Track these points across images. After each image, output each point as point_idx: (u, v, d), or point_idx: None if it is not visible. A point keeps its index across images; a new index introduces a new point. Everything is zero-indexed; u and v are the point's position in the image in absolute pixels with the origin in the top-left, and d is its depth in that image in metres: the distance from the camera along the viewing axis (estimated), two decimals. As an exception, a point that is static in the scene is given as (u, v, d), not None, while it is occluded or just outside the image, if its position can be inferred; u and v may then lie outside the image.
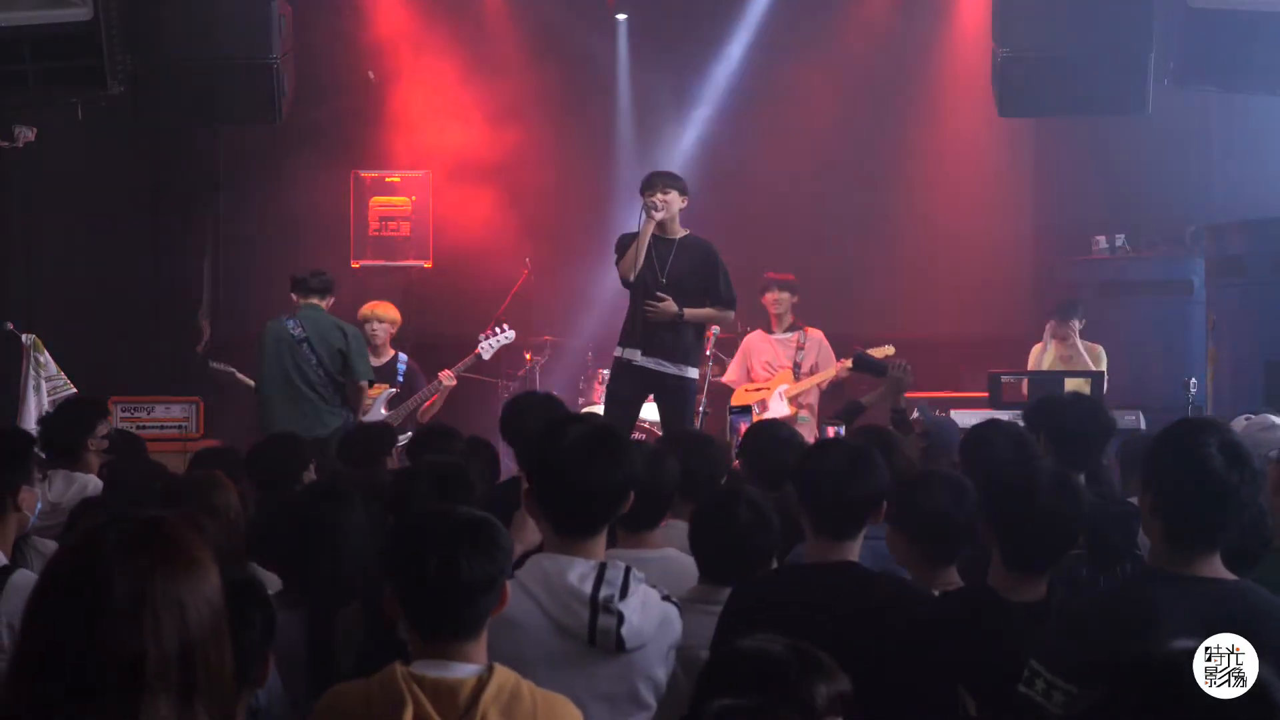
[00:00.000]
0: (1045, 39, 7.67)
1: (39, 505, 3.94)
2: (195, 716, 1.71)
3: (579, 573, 2.75)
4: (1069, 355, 8.60)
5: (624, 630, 2.70)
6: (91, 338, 9.19)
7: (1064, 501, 3.01)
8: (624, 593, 2.73)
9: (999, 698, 2.76)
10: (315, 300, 7.49)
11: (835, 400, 8.85)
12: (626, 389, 6.85)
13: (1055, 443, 4.08)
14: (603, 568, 2.77)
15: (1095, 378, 8.09)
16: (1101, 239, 9.68)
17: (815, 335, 8.66)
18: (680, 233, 6.86)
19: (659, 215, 6.67)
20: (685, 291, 6.75)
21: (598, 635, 2.70)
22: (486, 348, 8.32)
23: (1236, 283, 8.54)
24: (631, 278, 6.72)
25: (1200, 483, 2.69)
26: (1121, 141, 9.49)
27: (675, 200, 6.75)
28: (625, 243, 6.84)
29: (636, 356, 6.77)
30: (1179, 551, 2.75)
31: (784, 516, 3.67)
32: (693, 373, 6.92)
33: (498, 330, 8.46)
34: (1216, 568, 2.74)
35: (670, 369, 6.78)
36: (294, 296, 7.54)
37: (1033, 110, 8.36)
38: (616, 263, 6.85)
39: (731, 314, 7.02)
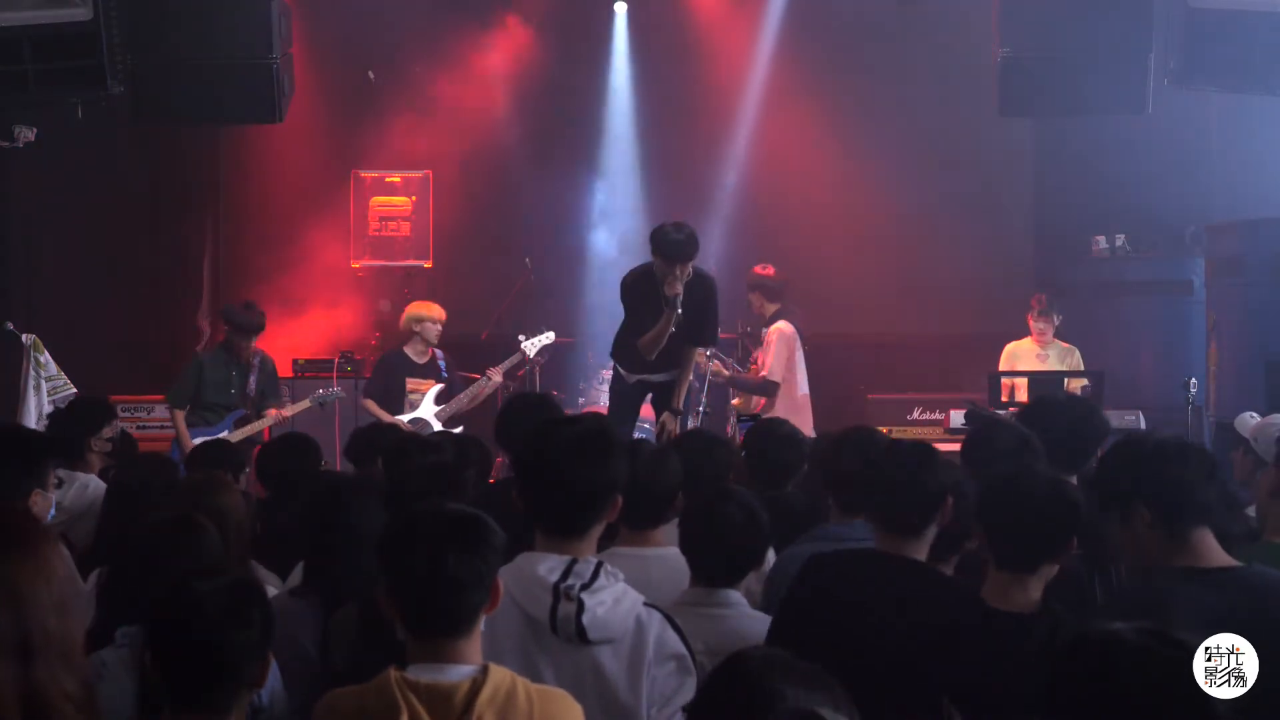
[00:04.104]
0: (1046, 39, 7.67)
1: (52, 511, 3.92)
2: (37, 678, 1.85)
3: (548, 565, 2.76)
4: (1045, 354, 8.60)
5: (585, 619, 2.69)
6: (91, 338, 9.18)
7: (1056, 503, 3.01)
8: (590, 585, 2.73)
9: (981, 710, 2.76)
10: None
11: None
12: (626, 388, 6.98)
13: (1047, 444, 4.08)
14: (573, 561, 2.77)
15: (1095, 378, 8.09)
16: (1101, 239, 9.69)
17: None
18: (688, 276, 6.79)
19: (679, 303, 6.53)
20: (690, 333, 6.76)
21: (558, 622, 2.70)
22: (530, 345, 8.39)
23: (1236, 283, 8.55)
24: (652, 357, 6.74)
25: (1174, 467, 2.84)
26: (1121, 141, 9.49)
27: (689, 267, 6.61)
28: (632, 291, 6.74)
29: (627, 374, 6.94)
30: (1177, 544, 2.83)
31: (785, 515, 3.67)
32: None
33: (540, 331, 8.53)
34: (1219, 553, 2.83)
35: (661, 377, 6.87)
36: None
37: (1033, 110, 8.36)
38: (624, 306, 6.81)
39: (699, 350, 7.04)
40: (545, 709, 2.37)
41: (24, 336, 7.88)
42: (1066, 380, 8.12)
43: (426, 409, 8.20)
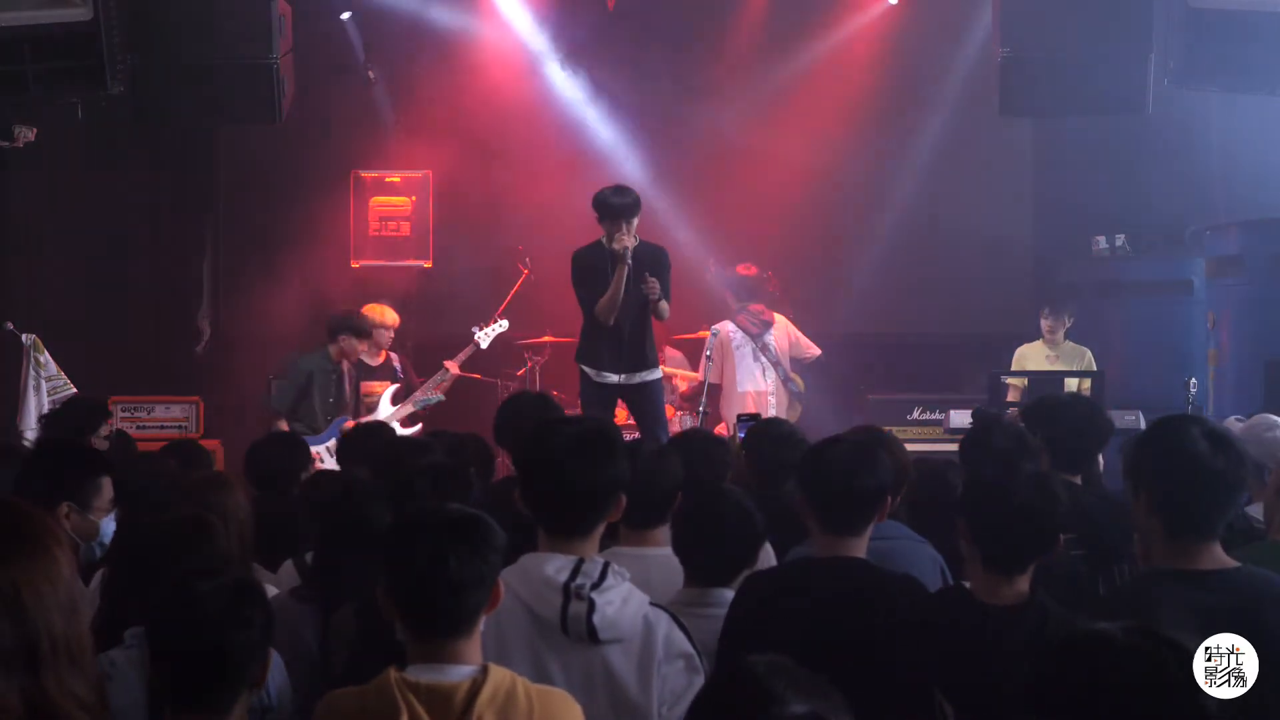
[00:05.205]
0: (1046, 39, 7.66)
1: (100, 536, 3.83)
2: (44, 687, 1.78)
3: (556, 565, 2.75)
4: (1055, 355, 8.60)
5: (595, 618, 2.69)
6: (91, 338, 9.18)
7: (1041, 503, 2.95)
8: (599, 584, 2.72)
9: (974, 704, 2.75)
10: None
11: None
12: (596, 398, 7.00)
13: (1051, 444, 4.07)
14: (580, 561, 2.76)
15: (1096, 378, 8.08)
16: (1101, 239, 9.68)
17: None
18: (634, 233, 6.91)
19: (629, 255, 6.67)
20: (643, 301, 6.82)
21: (569, 622, 2.70)
22: (483, 337, 8.60)
23: (1236, 283, 8.54)
24: (611, 321, 6.79)
25: (1191, 471, 2.74)
26: (1121, 141, 9.49)
27: (635, 226, 6.79)
28: (583, 264, 6.87)
29: (597, 373, 6.95)
30: (1179, 546, 2.76)
31: (785, 515, 3.66)
32: (656, 374, 7.06)
33: (494, 320, 8.78)
34: (1218, 556, 2.76)
35: (634, 379, 6.91)
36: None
37: (1033, 110, 8.35)
38: (575, 285, 6.89)
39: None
40: (545, 709, 2.37)
41: (24, 336, 7.88)
42: (1078, 381, 8.13)
43: (384, 411, 8.28)
